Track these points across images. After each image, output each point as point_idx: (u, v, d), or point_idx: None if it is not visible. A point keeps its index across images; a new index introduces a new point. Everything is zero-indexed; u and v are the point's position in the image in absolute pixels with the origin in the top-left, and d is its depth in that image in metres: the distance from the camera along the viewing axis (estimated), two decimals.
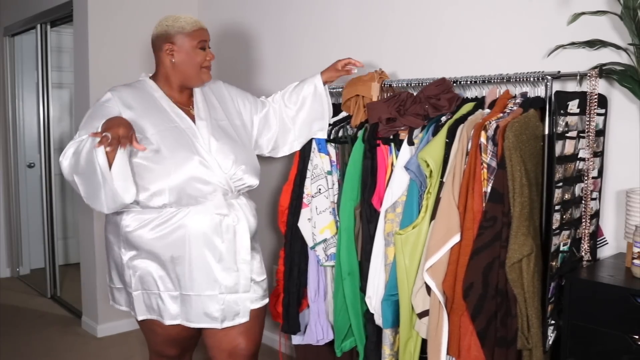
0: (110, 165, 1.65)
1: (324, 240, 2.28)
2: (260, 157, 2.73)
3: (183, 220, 1.89)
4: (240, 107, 2.19)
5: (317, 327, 2.37)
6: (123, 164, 1.68)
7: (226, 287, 1.95)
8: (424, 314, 1.91)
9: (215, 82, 2.18)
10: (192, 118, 1.99)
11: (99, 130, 1.67)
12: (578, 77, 1.86)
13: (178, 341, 2.07)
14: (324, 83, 2.29)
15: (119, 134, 1.62)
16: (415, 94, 2.12)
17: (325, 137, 2.30)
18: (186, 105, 2.02)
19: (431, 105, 2.04)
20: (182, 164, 1.87)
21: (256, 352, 2.08)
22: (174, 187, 1.86)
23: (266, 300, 2.10)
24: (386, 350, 2.07)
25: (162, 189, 1.86)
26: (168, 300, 1.94)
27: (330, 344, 2.38)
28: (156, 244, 1.90)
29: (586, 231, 1.88)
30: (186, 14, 2.02)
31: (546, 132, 1.84)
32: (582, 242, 1.88)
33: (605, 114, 1.92)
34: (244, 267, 1.98)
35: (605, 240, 1.98)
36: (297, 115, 2.27)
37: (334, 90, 2.60)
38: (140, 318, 1.99)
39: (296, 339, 2.45)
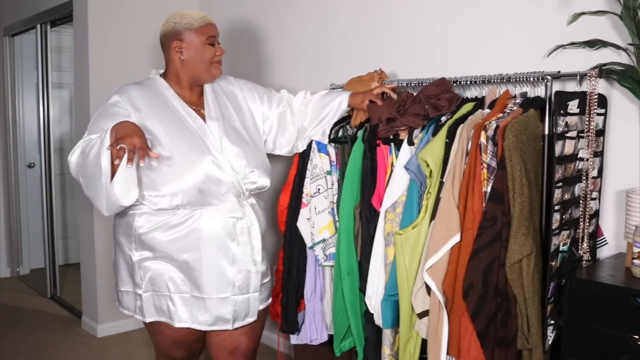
0: (116, 167, 1.65)
1: (323, 240, 2.28)
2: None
3: (197, 224, 1.89)
4: (251, 105, 2.16)
5: (312, 327, 2.37)
6: (130, 168, 1.67)
7: (239, 288, 1.96)
8: (424, 314, 1.91)
9: (225, 78, 2.16)
10: (203, 118, 1.98)
11: (109, 134, 1.66)
12: (578, 77, 1.86)
13: (185, 344, 2.07)
14: (348, 105, 2.25)
15: (135, 145, 1.60)
16: (415, 94, 2.12)
17: (326, 141, 2.28)
18: (197, 104, 2.01)
19: (431, 105, 2.04)
20: (195, 165, 1.86)
21: (255, 349, 2.11)
22: (187, 188, 1.85)
23: (270, 301, 2.11)
24: (386, 351, 2.07)
25: (176, 191, 1.85)
26: (179, 302, 1.93)
27: (329, 343, 2.38)
28: (170, 246, 1.89)
29: (586, 231, 1.88)
30: (193, 10, 2.00)
31: (546, 132, 1.84)
32: (581, 242, 1.88)
33: (605, 114, 1.92)
34: (256, 268, 1.99)
35: (605, 240, 1.98)
36: (313, 123, 2.26)
37: (334, 90, 2.60)
38: (148, 320, 1.97)
39: (292, 339, 2.45)
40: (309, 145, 2.32)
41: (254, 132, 2.11)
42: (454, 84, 2.13)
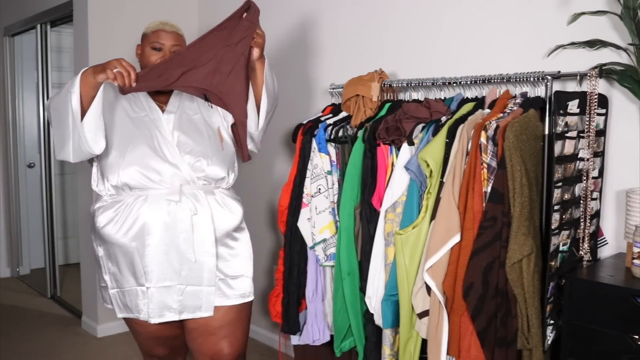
0: (84, 111, 1.74)
1: (324, 240, 2.28)
2: (256, 157, 2.70)
3: (140, 211, 1.90)
4: None
5: (314, 328, 2.37)
6: (97, 114, 1.77)
7: (186, 278, 1.94)
8: (424, 314, 1.91)
9: None
10: (164, 111, 2.04)
11: (79, 75, 1.74)
12: (578, 77, 1.86)
13: (161, 339, 2.08)
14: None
15: (124, 65, 1.72)
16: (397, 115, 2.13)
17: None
18: (163, 101, 2.06)
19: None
20: (137, 156, 1.90)
21: (240, 355, 2.05)
22: (128, 172, 1.90)
23: (244, 300, 2.02)
24: (386, 350, 2.07)
25: (119, 175, 1.91)
26: (140, 295, 1.94)
27: (329, 344, 2.39)
28: (122, 239, 1.91)
29: (586, 231, 1.88)
30: (166, 19, 2.06)
31: (546, 132, 1.84)
32: (582, 242, 1.88)
33: (606, 114, 1.92)
34: (207, 259, 1.95)
35: (605, 240, 1.98)
36: None
37: (334, 90, 2.60)
38: (119, 315, 2.02)
39: (294, 339, 2.45)
40: (310, 145, 2.32)
41: (215, 125, 2.09)
42: (454, 84, 2.14)
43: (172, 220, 1.91)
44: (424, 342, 1.94)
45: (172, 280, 1.93)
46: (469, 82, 2.10)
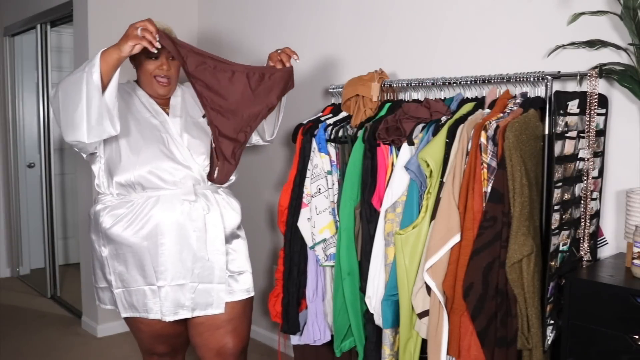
0: (104, 88, 1.74)
1: (324, 240, 2.28)
2: (256, 157, 2.71)
3: (153, 211, 1.92)
4: None
5: (315, 328, 2.37)
6: (115, 91, 1.76)
7: (198, 276, 1.97)
8: (424, 314, 1.91)
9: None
10: (169, 115, 2.05)
11: (98, 54, 1.79)
12: (578, 77, 1.86)
13: (164, 337, 2.09)
14: None
15: (142, 27, 1.76)
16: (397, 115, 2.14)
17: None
18: (165, 104, 2.08)
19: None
20: (150, 157, 1.92)
21: (244, 348, 2.09)
22: (139, 174, 1.91)
23: (248, 295, 2.07)
24: (386, 351, 2.07)
25: (130, 175, 1.92)
26: (149, 294, 1.96)
27: (329, 344, 2.38)
28: (132, 239, 1.93)
29: (586, 231, 1.88)
30: (164, 22, 2.05)
31: (546, 132, 1.84)
32: (582, 242, 1.88)
33: (605, 114, 1.92)
34: (218, 257, 1.99)
35: (605, 240, 1.98)
36: None
37: (334, 90, 2.60)
38: (123, 315, 2.03)
39: (294, 339, 2.45)
40: (310, 145, 2.32)
41: None
42: (454, 84, 2.14)
43: (184, 219, 1.93)
44: (424, 342, 1.94)
45: (185, 279, 1.96)
46: (469, 82, 2.10)
